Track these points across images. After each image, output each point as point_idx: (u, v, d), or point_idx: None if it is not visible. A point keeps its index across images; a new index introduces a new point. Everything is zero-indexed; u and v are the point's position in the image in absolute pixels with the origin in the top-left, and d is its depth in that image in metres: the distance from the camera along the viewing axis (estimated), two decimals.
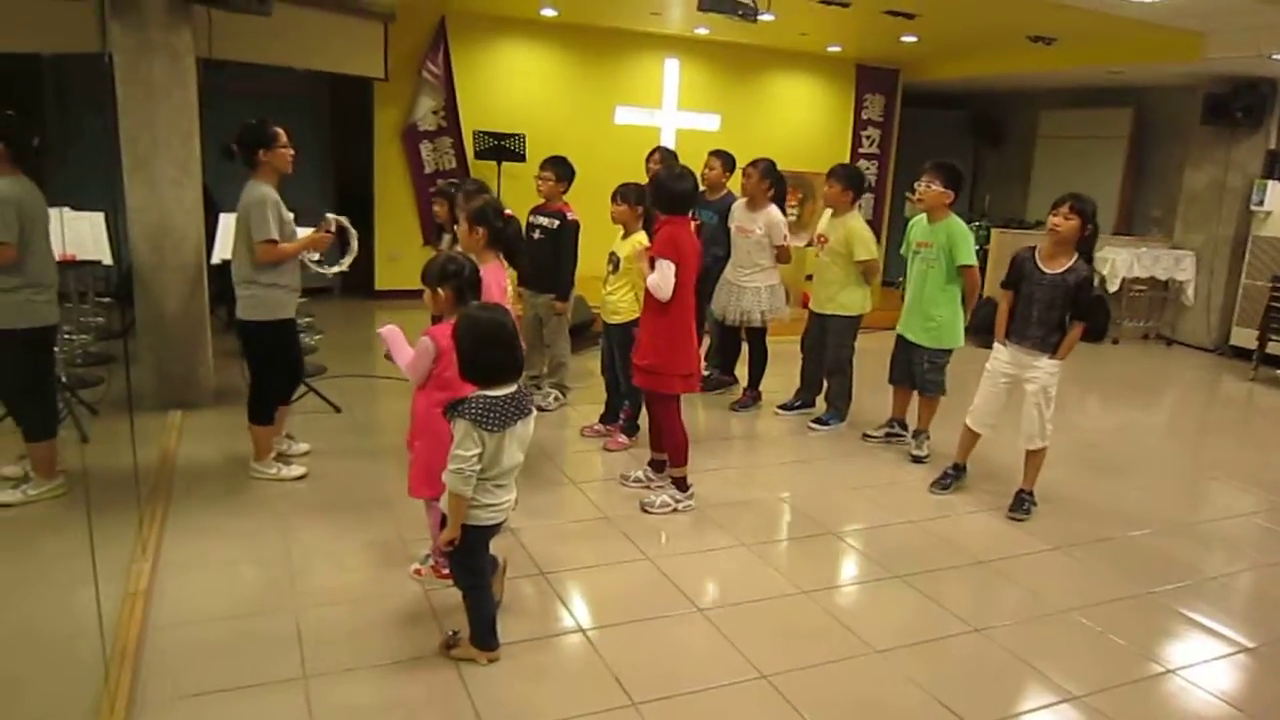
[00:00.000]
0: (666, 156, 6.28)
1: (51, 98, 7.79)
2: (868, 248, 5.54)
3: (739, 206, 5.99)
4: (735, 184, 6.15)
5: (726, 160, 6.20)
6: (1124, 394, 7.96)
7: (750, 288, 5.93)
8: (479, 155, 9.06)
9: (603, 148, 8.98)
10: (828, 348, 5.78)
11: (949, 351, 5.30)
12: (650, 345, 4.33)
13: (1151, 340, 9.92)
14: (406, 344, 3.35)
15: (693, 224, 4.60)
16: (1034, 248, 4.51)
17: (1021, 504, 4.63)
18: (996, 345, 4.66)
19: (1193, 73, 8.73)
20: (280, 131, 4.25)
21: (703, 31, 9.53)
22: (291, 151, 4.31)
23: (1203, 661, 3.38)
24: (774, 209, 5.89)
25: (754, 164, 5.89)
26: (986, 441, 4.86)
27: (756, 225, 5.86)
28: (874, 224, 11.45)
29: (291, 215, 4.49)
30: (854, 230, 5.54)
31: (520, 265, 4.02)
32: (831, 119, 11.13)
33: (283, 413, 4.65)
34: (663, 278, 4.17)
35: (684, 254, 4.22)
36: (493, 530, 2.99)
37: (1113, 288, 9.40)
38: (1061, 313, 4.37)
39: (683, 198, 4.33)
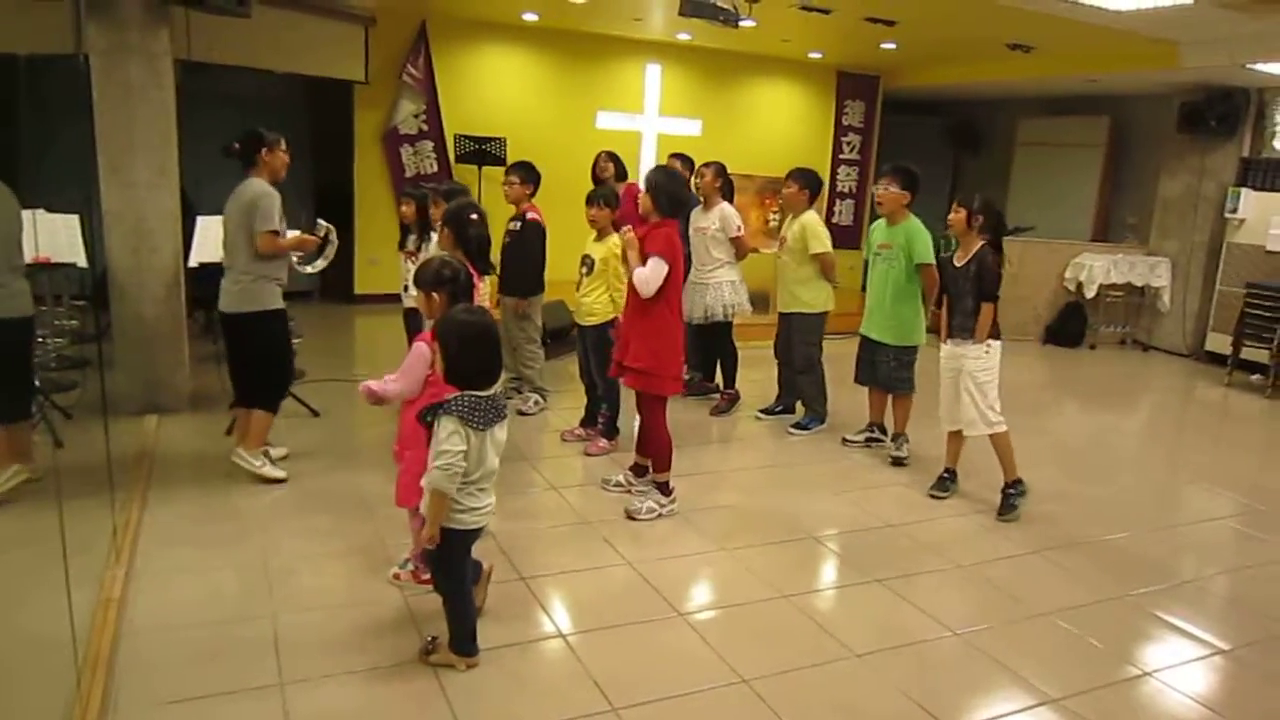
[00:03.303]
0: (614, 157, 6.49)
1: (27, 99, 7.70)
2: (821, 241, 5.63)
3: (695, 210, 6.09)
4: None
5: (687, 162, 6.37)
6: (1101, 399, 8.02)
7: (712, 284, 6.00)
8: (460, 159, 9.04)
9: (584, 152, 8.88)
10: (794, 346, 5.83)
11: (914, 348, 5.39)
12: (644, 347, 4.31)
13: (1128, 346, 10.01)
14: (385, 379, 3.30)
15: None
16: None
17: (1008, 501, 4.68)
18: (941, 345, 4.84)
19: (1168, 81, 8.83)
20: (282, 139, 4.41)
21: (684, 37, 9.56)
22: (288, 158, 4.45)
23: (1179, 664, 3.41)
24: (725, 204, 6.03)
25: (707, 165, 6.06)
26: (970, 445, 4.88)
27: (710, 221, 5.97)
28: (854, 230, 11.54)
29: None
30: (807, 225, 5.64)
31: (483, 269, 4.02)
32: (812, 125, 11.19)
33: (253, 416, 4.62)
34: (654, 274, 4.18)
35: (678, 257, 4.27)
36: (475, 535, 2.98)
37: (1090, 294, 9.49)
38: (974, 299, 4.58)
39: (684, 201, 4.47)
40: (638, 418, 4.58)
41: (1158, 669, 3.35)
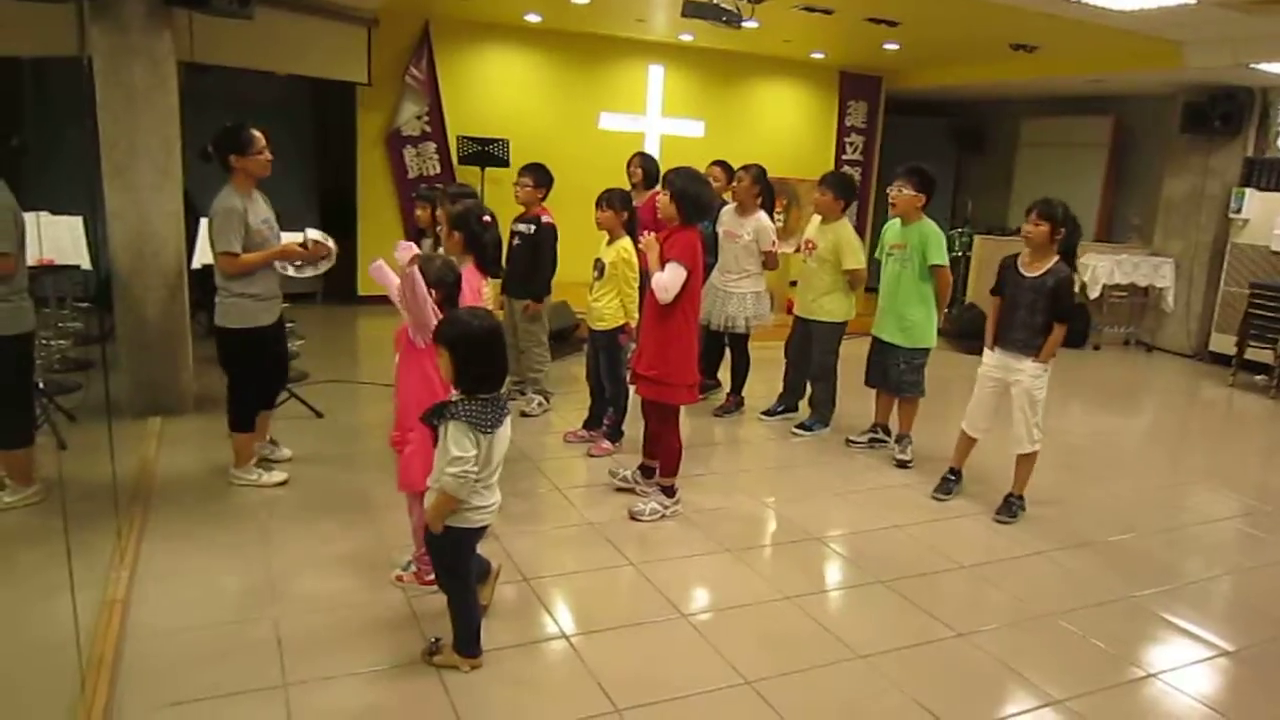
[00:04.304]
0: (649, 161, 6.31)
1: (30, 101, 7.73)
2: (856, 256, 5.56)
3: (728, 211, 6.02)
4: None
5: (728, 170, 6.25)
6: (1105, 400, 8.01)
7: (736, 293, 5.94)
8: (463, 160, 9.04)
9: (587, 153, 8.98)
10: (812, 354, 5.80)
11: (925, 351, 5.34)
12: (658, 355, 4.27)
13: (1132, 346, 9.99)
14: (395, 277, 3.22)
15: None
16: (1019, 254, 4.58)
17: (1009, 508, 4.66)
18: (986, 351, 4.71)
19: (1172, 81, 8.82)
20: (257, 136, 4.20)
21: (687, 38, 9.56)
22: (268, 157, 4.24)
23: (1184, 665, 3.40)
24: (763, 215, 5.91)
25: (745, 169, 5.91)
26: (976, 449, 4.88)
27: (745, 230, 5.87)
28: (857, 230, 11.51)
29: (274, 215, 4.45)
30: (843, 238, 5.56)
31: (492, 272, 4.02)
32: (815, 125, 11.18)
33: (264, 418, 4.62)
34: (673, 279, 4.12)
35: (697, 263, 4.21)
36: (480, 533, 2.98)
37: (1093, 294, 9.47)
38: (1044, 316, 4.41)
39: (709, 205, 4.38)
40: (643, 421, 4.59)
41: (1162, 670, 3.34)
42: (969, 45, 8.95)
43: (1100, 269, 9.41)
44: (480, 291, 3.89)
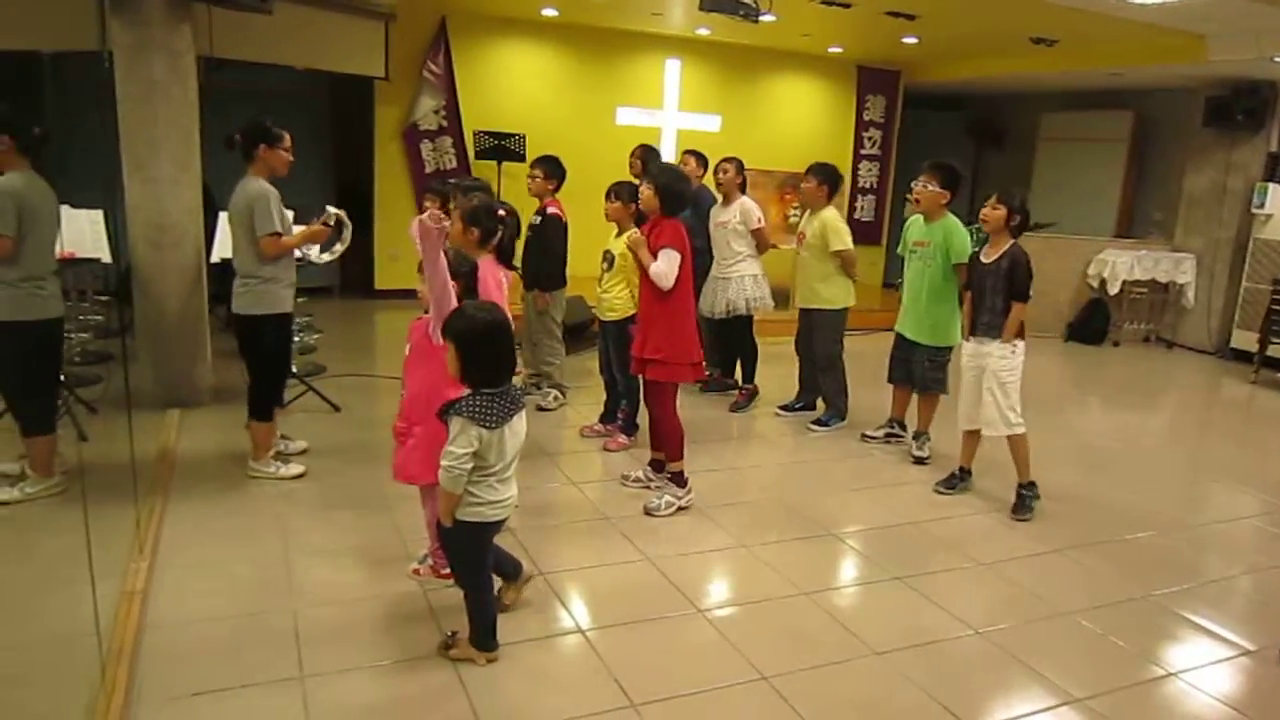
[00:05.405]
0: (649, 154, 6.36)
1: (51, 95, 7.78)
2: (842, 238, 5.61)
3: (715, 206, 6.12)
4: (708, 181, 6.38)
5: (701, 159, 6.43)
6: (1124, 396, 7.95)
7: (734, 278, 6.00)
8: (479, 155, 9.05)
9: (604, 148, 8.96)
10: (815, 343, 5.81)
11: (949, 349, 5.31)
12: (663, 337, 4.33)
13: (1152, 343, 9.91)
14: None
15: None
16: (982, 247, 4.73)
17: (1023, 501, 4.64)
18: (962, 342, 4.80)
19: (1194, 75, 8.73)
20: (287, 135, 4.32)
21: (704, 32, 9.53)
22: (291, 158, 4.36)
23: (1204, 664, 3.37)
24: (745, 198, 6.04)
25: (727, 161, 6.07)
26: (987, 443, 4.85)
27: (731, 215, 5.98)
28: (875, 225, 11.49)
29: (292, 214, 4.49)
30: (827, 221, 5.62)
31: (510, 266, 4.04)
32: (833, 120, 11.13)
33: (276, 413, 4.64)
34: (669, 265, 4.22)
35: (686, 248, 4.31)
36: (496, 527, 2.98)
37: (1113, 290, 9.40)
38: (1004, 298, 4.52)
39: (688, 198, 4.52)
40: (647, 412, 4.59)
41: (1182, 669, 3.31)
42: (988, 39, 8.89)
43: (1120, 265, 9.34)
44: (502, 284, 3.90)
